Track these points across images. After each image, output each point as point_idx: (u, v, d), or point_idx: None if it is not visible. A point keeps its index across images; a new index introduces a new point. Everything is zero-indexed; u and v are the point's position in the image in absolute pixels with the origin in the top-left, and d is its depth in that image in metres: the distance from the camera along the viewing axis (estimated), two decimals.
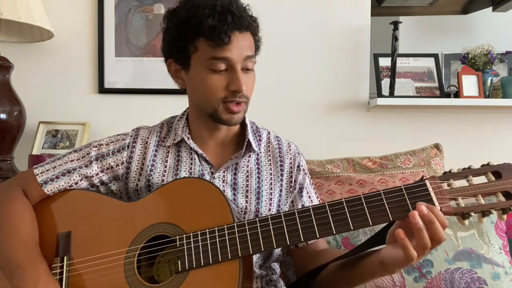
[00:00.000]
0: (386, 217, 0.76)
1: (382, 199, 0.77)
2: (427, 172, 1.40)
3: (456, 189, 0.74)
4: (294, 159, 1.03)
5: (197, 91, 0.92)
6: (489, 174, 0.75)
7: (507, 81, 1.66)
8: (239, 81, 0.87)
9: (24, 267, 0.79)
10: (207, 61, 0.88)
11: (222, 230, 0.80)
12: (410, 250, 0.69)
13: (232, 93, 0.88)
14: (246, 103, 0.92)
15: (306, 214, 0.79)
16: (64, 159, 0.97)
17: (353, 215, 0.77)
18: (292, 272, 1.20)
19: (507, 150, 1.71)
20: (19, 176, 0.98)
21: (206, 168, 0.96)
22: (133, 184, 0.97)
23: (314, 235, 0.78)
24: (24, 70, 1.71)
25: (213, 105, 0.90)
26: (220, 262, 0.78)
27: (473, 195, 0.73)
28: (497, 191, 0.73)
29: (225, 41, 0.85)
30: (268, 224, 0.80)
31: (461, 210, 0.73)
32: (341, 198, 0.79)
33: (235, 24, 0.86)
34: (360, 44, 1.70)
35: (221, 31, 0.84)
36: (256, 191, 0.97)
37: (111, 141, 0.99)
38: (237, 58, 0.87)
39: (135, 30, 1.72)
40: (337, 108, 1.71)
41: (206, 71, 0.88)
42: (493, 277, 1.18)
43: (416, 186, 0.76)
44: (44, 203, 0.94)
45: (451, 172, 0.76)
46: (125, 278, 0.81)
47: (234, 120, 0.92)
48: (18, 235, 0.85)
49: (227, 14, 0.85)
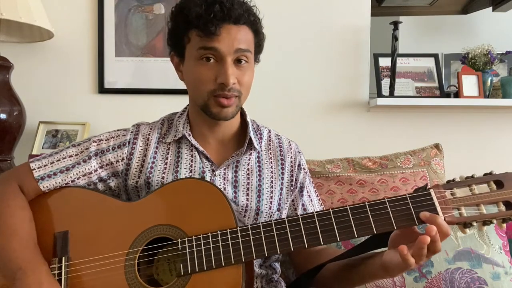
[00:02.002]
0: (390, 225, 0.76)
1: (387, 207, 0.77)
2: (427, 172, 1.40)
3: (459, 198, 0.75)
4: (295, 158, 1.03)
5: (190, 83, 0.93)
6: (491, 183, 0.76)
7: (507, 81, 1.66)
8: (226, 73, 0.85)
9: (25, 269, 0.78)
10: (196, 51, 0.87)
11: (225, 234, 0.79)
12: (409, 260, 0.72)
13: (220, 87, 0.87)
14: (238, 97, 0.90)
15: (310, 220, 0.78)
16: (62, 153, 0.95)
17: (358, 222, 0.77)
18: (292, 272, 1.20)
19: (507, 150, 1.71)
20: (15, 170, 0.95)
21: (207, 165, 0.96)
22: (132, 181, 0.95)
23: (318, 242, 0.77)
24: (24, 70, 1.71)
25: (203, 98, 0.89)
26: (223, 266, 0.78)
27: (475, 204, 0.75)
28: (498, 200, 0.74)
29: (212, 30, 0.84)
30: (272, 229, 0.79)
31: (464, 220, 0.74)
32: (345, 205, 0.78)
33: (223, 14, 0.84)
34: (360, 44, 1.70)
35: (207, 20, 0.84)
36: (257, 189, 0.96)
37: (111, 137, 0.98)
38: (227, 49, 0.86)
39: (135, 30, 1.72)
40: (337, 108, 1.71)
41: (196, 62, 0.88)
42: (493, 277, 1.18)
43: (421, 195, 0.76)
44: (39, 200, 0.91)
45: (455, 181, 0.77)
46: (126, 280, 0.80)
47: (224, 113, 0.90)
48: (17, 236, 0.83)
49: (215, 4, 0.84)
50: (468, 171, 1.33)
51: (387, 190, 1.36)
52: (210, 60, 0.87)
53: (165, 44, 1.69)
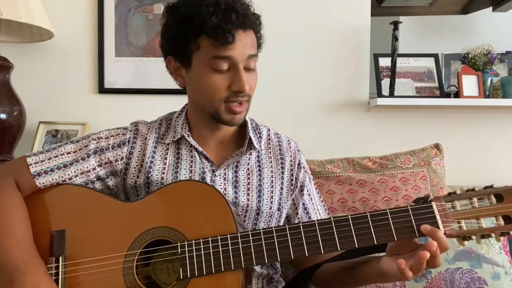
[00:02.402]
0: (391, 237, 0.76)
1: (388, 218, 0.77)
2: (427, 172, 1.40)
3: (459, 211, 0.76)
4: (295, 157, 1.03)
5: (199, 91, 0.91)
6: (491, 197, 0.77)
7: (507, 81, 1.66)
8: (242, 80, 0.85)
9: (23, 270, 0.77)
10: (209, 60, 0.86)
11: (225, 239, 0.79)
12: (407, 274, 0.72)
13: (234, 93, 0.87)
14: (248, 101, 0.91)
15: (311, 228, 0.78)
16: (60, 149, 0.93)
17: (358, 232, 0.77)
18: (292, 272, 1.20)
19: (507, 150, 1.71)
20: (11, 164, 0.93)
21: (207, 166, 0.95)
22: (131, 180, 0.94)
23: (319, 250, 0.77)
24: (24, 70, 1.71)
25: (214, 105, 0.89)
26: (223, 271, 0.77)
27: (475, 218, 0.76)
28: (498, 214, 0.75)
29: (229, 40, 0.83)
30: (273, 236, 0.78)
31: (463, 234, 0.75)
32: (347, 215, 0.79)
33: (239, 22, 0.84)
34: (360, 44, 1.70)
35: (225, 30, 0.82)
36: (257, 189, 0.96)
37: (110, 135, 0.96)
38: (240, 57, 0.85)
39: (135, 30, 1.72)
40: (337, 108, 1.71)
41: (208, 70, 0.87)
42: (493, 277, 1.18)
43: (423, 208, 0.77)
44: (35, 197, 0.88)
45: (456, 194, 0.78)
46: (124, 282, 0.80)
47: (236, 120, 0.91)
48: (14, 235, 0.81)
49: (232, 12, 0.83)
50: (468, 171, 1.33)
51: (387, 190, 1.36)
52: (224, 68, 0.86)
53: None
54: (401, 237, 0.76)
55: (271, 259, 0.77)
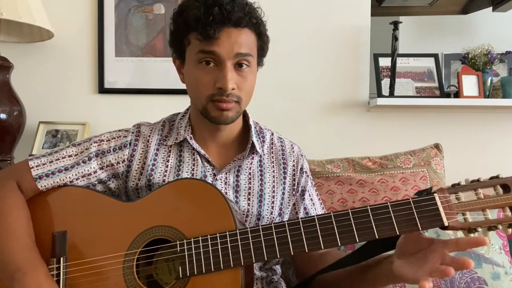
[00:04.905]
0: (393, 230, 0.74)
1: (389, 212, 0.75)
2: (427, 172, 1.40)
3: (464, 203, 0.73)
4: (297, 162, 1.02)
5: (188, 86, 0.92)
6: (497, 187, 0.73)
7: (507, 81, 1.66)
8: (225, 78, 0.83)
9: (24, 271, 0.77)
10: (196, 55, 0.86)
11: (224, 237, 0.78)
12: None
13: (219, 91, 0.85)
14: (238, 103, 0.88)
15: (311, 224, 0.77)
16: (62, 153, 0.93)
17: (359, 227, 0.75)
18: (292, 273, 1.20)
19: (507, 150, 1.71)
20: (13, 167, 0.94)
21: (209, 169, 0.94)
22: (133, 183, 0.94)
23: (319, 246, 0.75)
24: (24, 70, 1.71)
25: (201, 102, 0.88)
26: (222, 269, 0.77)
27: (480, 209, 0.73)
28: (505, 205, 0.72)
29: (210, 34, 0.82)
30: (272, 233, 0.77)
31: (468, 226, 0.72)
32: (347, 209, 0.77)
33: (222, 17, 0.82)
34: (360, 44, 1.70)
35: (206, 23, 0.82)
36: (258, 194, 0.95)
37: (112, 137, 0.96)
38: (226, 54, 0.84)
39: (135, 30, 1.72)
40: (337, 108, 1.71)
41: (195, 65, 0.87)
42: (493, 277, 1.18)
43: (425, 200, 0.74)
44: (37, 199, 0.90)
45: (460, 185, 0.75)
46: (125, 282, 0.80)
47: (224, 117, 0.88)
48: (16, 236, 0.82)
49: (215, 6, 0.82)
50: (468, 171, 1.33)
51: (387, 190, 1.36)
52: (209, 64, 0.85)
53: (165, 44, 1.71)
54: (404, 230, 0.74)
55: (271, 255, 0.77)
